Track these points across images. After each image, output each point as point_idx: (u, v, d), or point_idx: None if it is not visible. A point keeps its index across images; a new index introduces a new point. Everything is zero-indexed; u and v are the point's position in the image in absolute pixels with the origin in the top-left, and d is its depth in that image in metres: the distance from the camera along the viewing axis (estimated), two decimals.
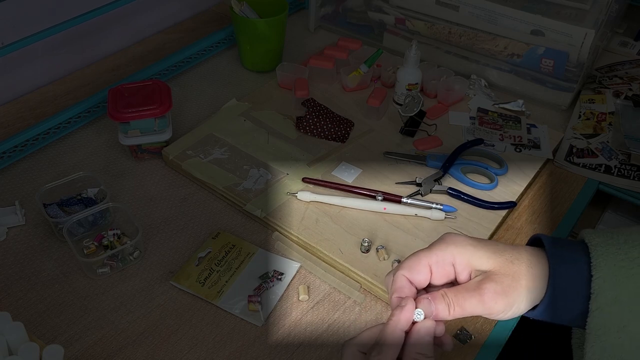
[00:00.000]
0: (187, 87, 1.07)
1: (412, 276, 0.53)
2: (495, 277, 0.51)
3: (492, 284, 0.51)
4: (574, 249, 0.51)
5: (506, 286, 0.50)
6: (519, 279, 0.51)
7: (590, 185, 0.92)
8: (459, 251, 0.52)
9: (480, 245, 0.53)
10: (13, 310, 0.69)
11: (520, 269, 0.51)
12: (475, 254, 0.52)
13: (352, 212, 0.82)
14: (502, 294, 0.50)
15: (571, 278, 0.50)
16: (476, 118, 0.99)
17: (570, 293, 0.50)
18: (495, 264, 0.52)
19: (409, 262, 0.54)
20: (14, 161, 0.89)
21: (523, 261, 0.52)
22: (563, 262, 0.50)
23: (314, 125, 0.95)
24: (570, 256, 0.51)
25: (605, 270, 0.48)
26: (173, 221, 0.82)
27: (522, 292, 0.51)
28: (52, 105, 1.01)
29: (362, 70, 1.03)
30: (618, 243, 0.50)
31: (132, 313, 0.70)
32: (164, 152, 0.90)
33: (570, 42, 0.96)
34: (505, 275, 0.51)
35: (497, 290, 0.50)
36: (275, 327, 0.70)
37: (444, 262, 0.53)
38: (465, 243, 0.53)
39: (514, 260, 0.52)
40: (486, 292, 0.51)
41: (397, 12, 1.12)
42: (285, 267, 0.76)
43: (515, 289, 0.50)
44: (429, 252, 0.53)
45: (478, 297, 0.51)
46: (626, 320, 0.47)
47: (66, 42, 1.07)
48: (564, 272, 0.50)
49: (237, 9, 1.05)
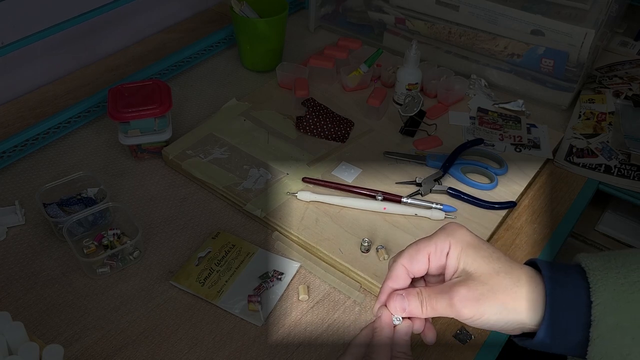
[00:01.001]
0: (187, 87, 1.07)
1: (411, 266, 0.54)
2: (471, 283, 0.50)
3: (464, 289, 0.50)
4: (571, 273, 0.49)
5: (479, 294, 0.49)
6: (497, 292, 0.49)
7: (590, 185, 0.92)
8: (454, 243, 0.52)
9: (476, 245, 0.52)
10: (13, 310, 0.69)
11: (502, 283, 0.50)
12: (467, 252, 0.52)
13: (352, 212, 0.82)
14: (472, 301, 0.49)
15: (569, 303, 0.48)
16: (476, 118, 0.99)
17: (567, 322, 0.48)
18: (478, 270, 0.51)
19: (409, 252, 0.54)
20: (13, 161, 0.89)
21: (511, 277, 0.50)
22: (560, 286, 0.49)
23: (314, 125, 0.95)
24: (567, 281, 0.49)
25: (605, 295, 0.46)
26: (173, 221, 0.82)
27: (495, 305, 0.49)
28: (52, 105, 1.01)
29: (362, 70, 1.03)
30: (617, 267, 0.48)
31: (132, 313, 0.70)
32: (164, 152, 0.90)
33: (570, 42, 0.96)
34: (482, 283, 0.50)
35: (468, 297, 0.50)
36: (275, 327, 0.70)
37: (441, 252, 0.53)
38: (463, 238, 0.52)
39: (500, 273, 0.50)
40: (456, 295, 0.50)
41: (397, 12, 1.12)
42: (285, 267, 0.76)
43: (488, 299, 0.49)
44: (428, 241, 0.54)
45: (448, 300, 0.50)
46: (628, 349, 0.45)
47: (66, 42, 1.07)
48: (561, 297, 0.48)
49: (237, 9, 1.05)
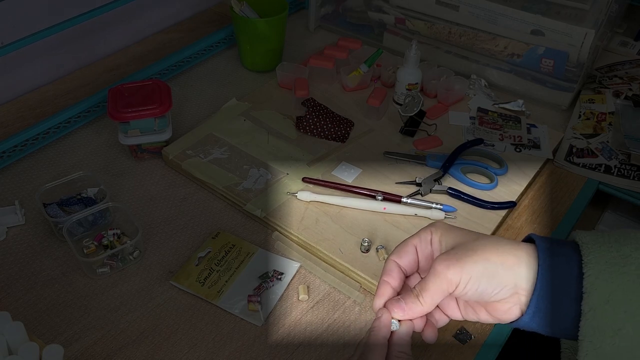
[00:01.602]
0: (187, 87, 1.07)
1: (401, 259, 0.55)
2: (451, 250, 0.51)
3: (444, 255, 0.51)
4: (565, 246, 0.50)
5: (460, 254, 0.50)
6: (476, 249, 0.50)
7: (590, 185, 0.92)
8: (434, 230, 0.54)
9: (457, 229, 0.54)
10: (13, 310, 0.69)
11: (481, 243, 0.50)
12: (447, 233, 0.53)
13: (352, 212, 0.82)
14: (454, 261, 0.49)
15: (561, 273, 0.48)
16: (476, 118, 0.99)
17: (560, 291, 0.48)
18: (457, 242, 0.52)
19: (397, 247, 0.56)
20: (13, 161, 0.89)
21: (492, 240, 0.51)
22: (552, 256, 0.49)
23: (314, 125, 0.95)
24: (560, 251, 0.49)
25: (597, 267, 0.47)
26: (173, 221, 0.82)
27: (479, 261, 0.49)
28: (52, 105, 1.01)
29: (362, 70, 1.03)
30: (609, 242, 0.49)
31: (132, 313, 0.70)
32: (164, 152, 0.90)
33: (570, 42, 0.96)
34: (462, 247, 0.51)
35: (449, 258, 0.50)
36: (275, 327, 0.70)
37: (425, 241, 0.55)
38: (443, 225, 0.54)
39: (479, 238, 0.51)
40: (437, 262, 0.50)
41: (397, 12, 1.12)
42: (285, 267, 0.76)
43: (469, 256, 0.49)
44: (414, 236, 0.56)
45: (432, 272, 0.51)
46: (621, 322, 0.45)
47: (66, 42, 1.07)
48: (553, 268, 0.48)
49: (237, 9, 1.05)
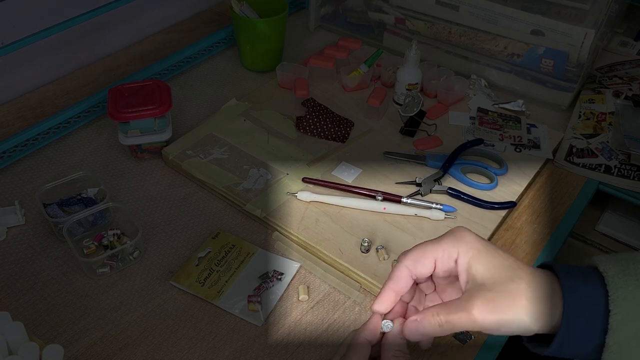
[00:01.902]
0: (187, 87, 1.07)
1: (416, 268, 0.52)
2: (487, 294, 0.49)
3: (481, 301, 0.49)
4: (589, 280, 0.48)
5: (499, 304, 0.48)
6: (515, 298, 0.48)
7: (590, 185, 0.92)
8: (464, 250, 0.51)
9: (487, 251, 0.51)
10: (13, 310, 0.69)
11: (519, 289, 0.49)
12: (478, 259, 0.50)
13: (352, 212, 0.82)
14: (493, 312, 0.48)
15: (587, 312, 0.47)
16: (476, 118, 0.99)
17: (585, 327, 0.47)
18: (492, 277, 0.49)
19: (414, 254, 0.53)
20: (14, 161, 0.89)
21: (526, 282, 0.49)
22: (578, 295, 0.47)
23: (314, 125, 0.95)
24: (585, 289, 0.48)
25: (624, 304, 0.45)
26: (173, 221, 0.82)
27: (517, 312, 0.48)
28: (52, 105, 1.01)
29: (362, 70, 1.03)
30: (636, 273, 0.47)
31: (132, 313, 0.70)
32: (164, 152, 0.90)
33: (570, 42, 0.96)
34: (499, 292, 0.49)
35: (488, 308, 0.48)
36: (275, 327, 0.70)
37: (449, 257, 0.51)
38: (472, 244, 0.51)
39: (514, 279, 0.49)
40: (475, 309, 0.49)
41: (397, 12, 1.12)
42: (285, 267, 0.76)
43: (510, 308, 0.48)
44: (436, 245, 0.52)
45: (467, 315, 0.49)
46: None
47: (66, 42, 1.07)
48: (579, 306, 0.47)
49: (237, 9, 1.05)
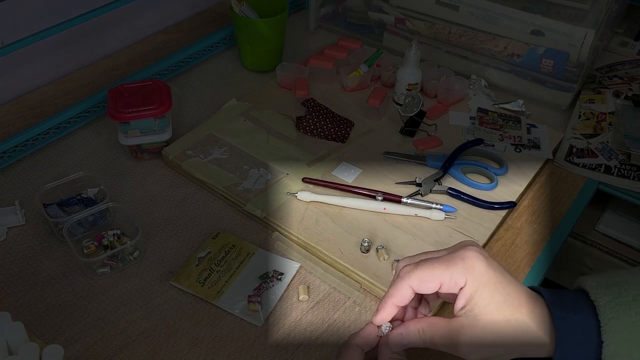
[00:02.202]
0: (187, 87, 1.07)
1: (420, 288, 0.51)
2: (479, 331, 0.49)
3: (472, 336, 0.49)
4: (580, 308, 0.48)
5: (488, 343, 0.49)
6: (505, 338, 0.49)
7: (590, 185, 0.92)
8: (471, 281, 0.50)
9: (493, 285, 0.49)
10: (13, 310, 0.69)
11: (513, 330, 0.49)
12: (482, 293, 0.49)
13: (352, 212, 0.82)
14: (481, 348, 0.49)
15: (580, 342, 0.47)
16: (476, 118, 0.99)
17: (579, 357, 0.47)
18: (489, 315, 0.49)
19: (421, 275, 0.51)
20: (14, 161, 0.89)
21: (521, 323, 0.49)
22: (569, 325, 0.47)
23: (314, 125, 0.95)
24: (576, 319, 0.47)
25: (617, 335, 0.45)
26: (173, 221, 0.82)
27: (502, 350, 0.49)
28: (52, 105, 1.01)
29: (362, 70, 1.03)
30: (627, 301, 0.46)
31: (132, 313, 0.70)
32: (164, 152, 0.90)
33: (570, 42, 0.96)
34: (491, 332, 0.49)
35: (474, 344, 0.49)
36: (275, 327, 0.70)
37: (455, 284, 0.50)
38: (481, 277, 0.50)
39: (510, 321, 0.49)
40: (464, 340, 0.49)
41: (397, 12, 1.12)
42: (285, 267, 0.76)
43: (497, 347, 0.49)
44: (444, 270, 0.50)
45: (453, 343, 0.50)
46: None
47: (66, 42, 1.07)
48: (571, 336, 0.47)
49: (237, 9, 1.05)
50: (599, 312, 0.46)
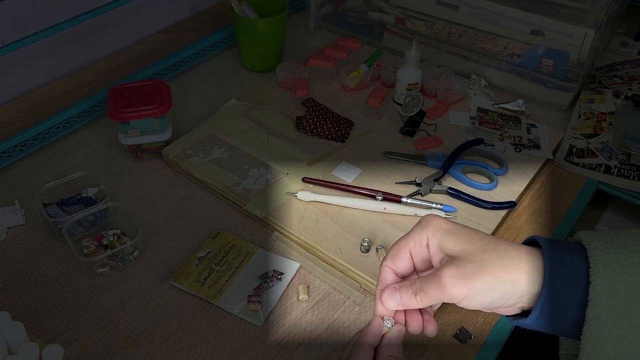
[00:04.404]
0: (187, 87, 1.07)
1: (395, 266, 0.53)
2: (457, 262, 0.49)
3: (452, 269, 0.48)
4: (572, 251, 0.49)
5: (468, 271, 0.48)
6: (486, 267, 0.48)
7: (590, 185, 0.92)
8: (432, 234, 0.51)
9: (455, 230, 0.51)
10: (13, 310, 0.69)
11: (490, 258, 0.48)
12: (446, 237, 0.51)
13: (352, 212, 0.82)
14: (462, 279, 0.48)
15: (568, 282, 0.47)
16: (476, 118, 0.99)
17: (566, 296, 0.47)
18: (462, 250, 0.50)
19: (391, 252, 0.54)
20: (14, 161, 0.89)
21: (498, 252, 0.49)
22: (559, 264, 0.48)
23: (314, 125, 0.95)
24: (567, 259, 0.48)
25: (605, 276, 0.45)
26: (173, 221, 0.82)
27: (487, 280, 0.48)
28: (52, 105, 1.01)
29: (362, 70, 1.03)
30: (618, 247, 0.47)
31: (132, 313, 0.70)
32: (164, 152, 0.90)
33: (570, 42, 0.96)
34: (469, 261, 0.49)
35: (457, 275, 0.48)
36: (275, 327, 0.70)
37: (420, 245, 0.52)
38: (439, 226, 0.51)
39: (485, 249, 0.49)
40: (445, 276, 0.48)
41: (397, 12, 1.12)
42: (285, 267, 0.76)
43: (478, 274, 0.48)
44: (407, 237, 0.53)
45: (437, 282, 0.49)
46: (624, 330, 0.44)
47: (66, 42, 1.07)
48: (560, 274, 0.47)
49: (237, 9, 1.05)
50: (589, 254, 0.47)
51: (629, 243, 0.47)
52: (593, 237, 0.48)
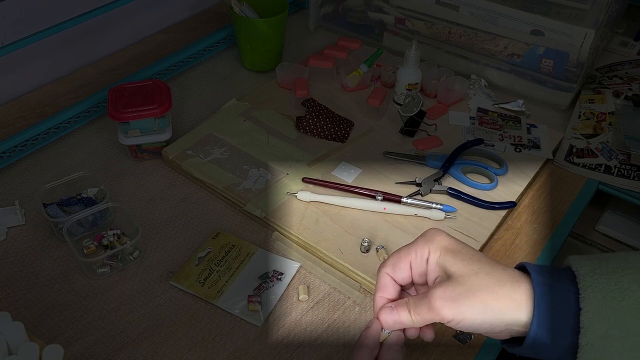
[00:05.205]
0: (187, 87, 1.07)
1: (394, 274, 0.54)
2: (447, 284, 0.50)
3: (441, 290, 0.49)
4: (562, 277, 0.48)
5: (457, 294, 0.49)
6: (476, 291, 0.49)
7: (590, 185, 0.92)
8: (434, 249, 0.52)
9: (454, 249, 0.52)
10: (13, 310, 0.69)
11: (481, 283, 0.49)
12: (445, 256, 0.51)
13: (352, 212, 0.82)
14: (450, 301, 0.49)
15: (558, 309, 0.47)
16: (476, 118, 0.99)
17: (557, 324, 0.47)
18: (457, 272, 0.50)
19: (392, 260, 0.54)
20: (14, 161, 0.89)
21: (491, 277, 0.49)
22: (549, 290, 0.48)
23: (314, 125, 0.95)
24: (557, 286, 0.48)
25: (595, 302, 0.45)
26: (173, 221, 0.82)
27: (476, 305, 0.48)
28: (52, 105, 1.01)
29: (362, 70, 1.03)
30: (607, 272, 0.47)
31: (132, 313, 0.70)
32: (164, 152, 0.90)
33: (570, 42, 0.96)
34: (460, 284, 0.49)
35: (445, 297, 0.49)
36: (275, 327, 0.70)
37: (421, 259, 0.53)
38: (441, 244, 0.52)
39: (479, 273, 0.50)
40: (433, 297, 0.49)
41: (397, 12, 1.12)
42: (285, 267, 0.76)
43: (467, 299, 0.48)
44: (409, 248, 0.54)
45: (427, 303, 0.50)
46: (618, 356, 0.44)
47: (66, 42, 1.07)
48: (550, 302, 0.47)
49: (237, 9, 1.05)
50: (579, 281, 0.47)
51: (618, 268, 0.47)
52: (582, 263, 0.48)
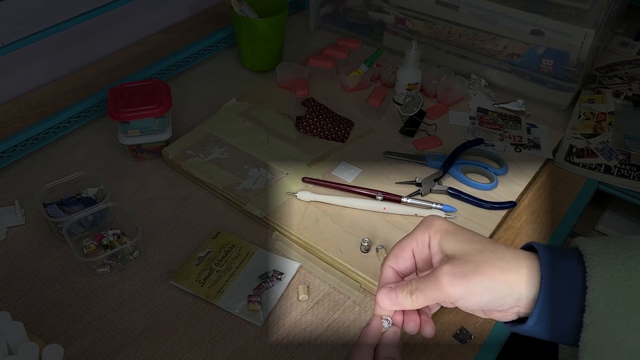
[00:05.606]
0: (187, 87, 1.07)
1: (398, 265, 0.54)
2: (454, 261, 0.49)
3: (449, 267, 0.49)
4: (569, 257, 0.48)
5: (465, 271, 0.48)
6: (483, 266, 0.48)
7: (590, 185, 0.92)
8: (434, 233, 0.52)
9: (455, 231, 0.52)
10: (13, 310, 0.69)
11: (487, 259, 0.48)
12: (446, 237, 0.51)
13: (352, 212, 0.82)
14: (459, 278, 0.48)
15: (565, 287, 0.47)
16: (476, 118, 0.99)
17: (563, 302, 0.47)
18: (461, 250, 0.50)
19: (393, 251, 0.54)
20: (14, 161, 0.89)
21: (495, 253, 0.49)
22: (557, 268, 0.47)
23: (314, 125, 0.95)
24: (564, 264, 0.48)
25: (602, 281, 0.45)
26: (173, 221, 0.82)
27: (484, 280, 0.48)
28: (52, 105, 1.01)
29: (362, 70, 1.03)
30: (614, 252, 0.47)
31: (132, 313, 0.70)
32: (164, 152, 0.90)
33: (570, 42, 0.96)
34: (467, 261, 0.49)
35: (454, 274, 0.48)
36: (275, 326, 0.70)
37: (422, 244, 0.53)
38: (441, 227, 0.52)
39: (483, 250, 0.49)
40: (442, 275, 0.49)
41: (397, 12, 1.12)
42: (285, 266, 0.76)
43: (475, 274, 0.48)
44: (410, 237, 0.54)
45: (434, 281, 0.49)
46: (623, 335, 0.44)
47: (66, 42, 1.07)
48: (557, 281, 0.47)
49: (237, 9, 1.05)
50: (586, 260, 0.47)
51: (625, 248, 0.47)
52: (589, 243, 0.48)
